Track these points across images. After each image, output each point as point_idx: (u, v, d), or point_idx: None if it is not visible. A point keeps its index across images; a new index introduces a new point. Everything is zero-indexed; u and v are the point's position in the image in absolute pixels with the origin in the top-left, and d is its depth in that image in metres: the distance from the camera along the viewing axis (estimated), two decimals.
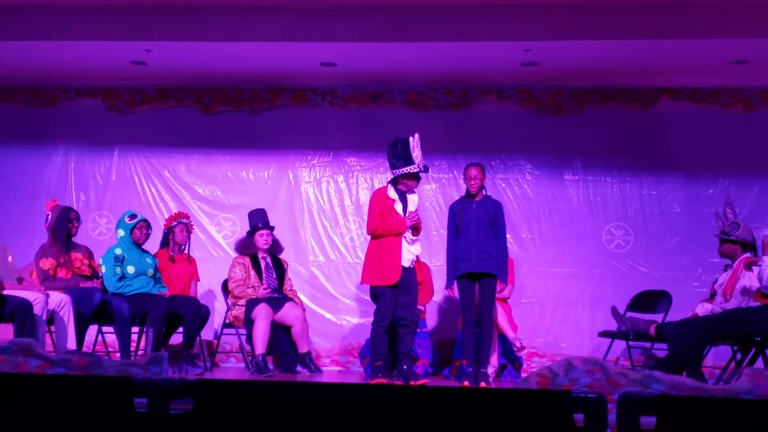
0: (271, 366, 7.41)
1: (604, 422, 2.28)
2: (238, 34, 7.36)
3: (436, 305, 8.32)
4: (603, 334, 7.41)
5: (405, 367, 6.57)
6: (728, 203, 6.73)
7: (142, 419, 2.56)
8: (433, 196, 8.68)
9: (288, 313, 7.48)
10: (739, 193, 8.33)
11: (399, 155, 6.61)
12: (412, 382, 6.42)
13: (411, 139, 6.60)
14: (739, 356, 6.31)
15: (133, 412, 2.60)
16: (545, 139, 8.59)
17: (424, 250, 8.14)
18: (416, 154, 6.58)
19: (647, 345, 7.03)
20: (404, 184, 6.68)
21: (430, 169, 6.98)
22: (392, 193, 6.67)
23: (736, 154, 8.38)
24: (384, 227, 6.61)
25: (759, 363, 6.11)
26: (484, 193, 6.83)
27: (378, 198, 6.72)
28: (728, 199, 6.92)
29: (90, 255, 7.21)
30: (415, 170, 6.60)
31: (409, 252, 6.62)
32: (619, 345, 7.42)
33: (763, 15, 6.87)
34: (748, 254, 6.55)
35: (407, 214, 6.65)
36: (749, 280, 6.19)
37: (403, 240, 6.60)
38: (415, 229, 6.69)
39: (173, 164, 8.85)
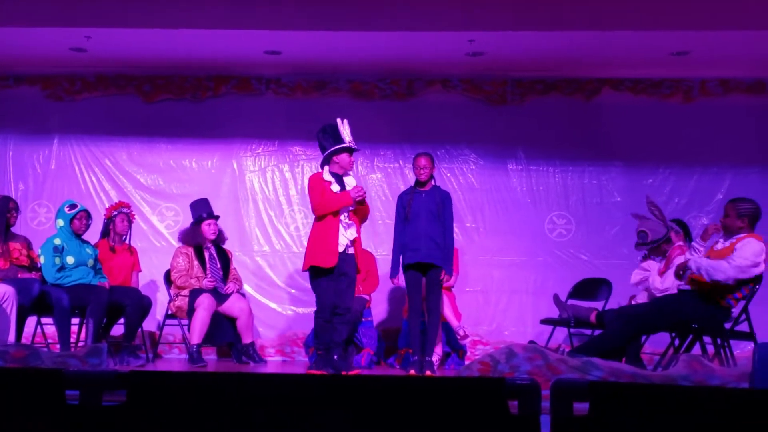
0: (213, 356, 7.34)
1: (537, 408, 2.29)
2: (181, 21, 7.25)
3: (382, 294, 8.32)
4: (545, 321, 7.49)
5: (335, 356, 6.47)
6: (651, 203, 6.85)
7: (74, 411, 2.50)
8: (379, 186, 8.68)
9: (233, 305, 7.43)
10: (678, 183, 8.49)
11: (328, 136, 6.54)
12: (343, 373, 6.37)
13: (339, 120, 6.54)
14: (677, 342, 6.42)
15: (64, 404, 2.54)
16: (489, 129, 8.63)
17: (369, 240, 8.15)
18: (345, 134, 6.51)
19: (588, 332, 7.11)
20: (337, 163, 6.57)
21: (359, 149, 6.86)
22: (327, 175, 6.56)
23: (675, 144, 8.51)
24: (328, 203, 6.45)
25: (696, 349, 6.23)
26: (433, 182, 6.84)
27: (315, 180, 6.59)
28: (649, 198, 7.04)
29: (29, 245, 7.07)
30: (344, 145, 6.50)
31: (344, 237, 6.52)
32: (561, 332, 7.50)
33: (704, 6, 6.97)
34: (680, 243, 6.68)
35: (352, 187, 6.53)
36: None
37: (340, 225, 6.51)
38: (361, 203, 6.56)
39: (114, 153, 8.72)
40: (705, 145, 8.48)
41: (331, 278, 6.47)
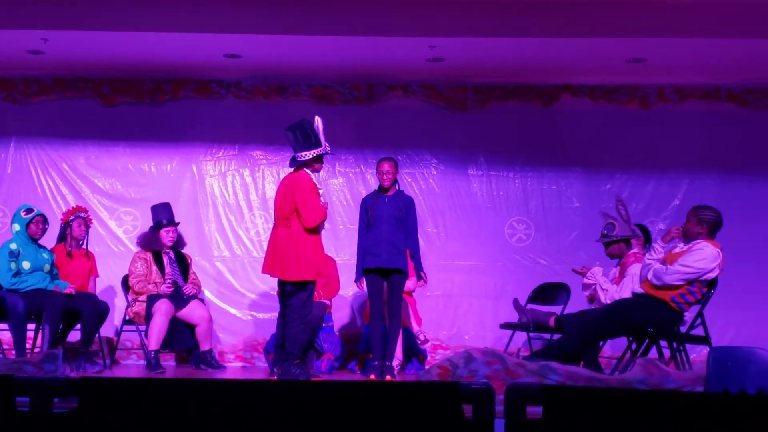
0: (172, 363, 7.26)
1: (491, 412, 2.30)
2: (140, 23, 7.18)
3: (343, 300, 8.30)
4: (504, 325, 7.51)
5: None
6: (619, 201, 6.92)
7: (24, 418, 2.46)
8: (340, 191, 8.66)
9: (193, 312, 7.38)
10: (636, 188, 8.57)
11: (306, 136, 6.33)
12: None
13: (317, 118, 6.42)
14: (634, 346, 6.48)
15: (14, 411, 2.50)
16: (450, 135, 8.65)
17: (330, 244, 8.12)
18: (322, 136, 6.44)
19: (547, 336, 7.15)
20: (317, 169, 6.51)
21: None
22: (316, 182, 6.46)
23: (632, 150, 8.60)
24: (321, 215, 6.35)
25: (654, 353, 6.29)
26: (396, 188, 6.84)
27: (312, 189, 6.35)
28: (618, 197, 7.13)
29: None
30: (327, 151, 6.42)
31: None
32: (521, 336, 7.54)
33: (660, 15, 7.05)
34: (636, 251, 6.75)
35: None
36: (636, 269, 6.39)
37: None
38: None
39: (72, 157, 8.60)
40: (662, 151, 8.58)
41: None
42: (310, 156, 6.36)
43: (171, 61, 8.08)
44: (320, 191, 6.48)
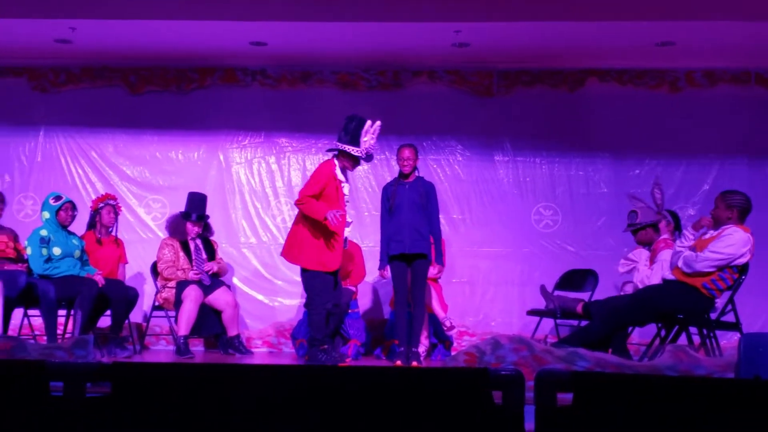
0: (200, 348, 7.32)
1: (521, 399, 2.29)
2: (166, 12, 7.21)
3: (368, 286, 8.32)
4: (531, 312, 7.50)
5: (326, 346, 6.52)
6: (656, 184, 6.87)
7: (58, 403, 2.49)
8: (365, 177, 8.66)
9: (219, 298, 7.43)
10: (665, 173, 8.47)
11: (349, 132, 6.44)
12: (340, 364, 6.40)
13: (368, 122, 6.47)
14: (663, 333, 6.45)
15: (49, 395, 2.53)
16: (476, 121, 8.62)
17: (356, 231, 8.14)
18: (366, 139, 6.42)
19: (574, 323, 7.13)
20: (343, 162, 6.55)
21: (372, 159, 6.79)
22: (340, 174, 6.51)
23: (661, 135, 8.52)
24: (310, 206, 6.36)
25: (683, 340, 6.26)
26: (416, 174, 6.84)
27: (327, 175, 6.46)
28: (657, 180, 7.06)
29: (15, 237, 7.04)
30: (354, 153, 6.45)
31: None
32: (548, 323, 7.52)
33: None
34: (666, 237, 6.70)
35: (330, 213, 6.31)
36: (666, 255, 6.35)
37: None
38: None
39: (100, 145, 8.67)
40: (691, 136, 8.49)
41: (330, 272, 6.47)
42: (343, 149, 6.45)
43: (197, 50, 8.11)
44: (343, 185, 6.49)
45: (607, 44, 7.81)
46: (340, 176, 6.52)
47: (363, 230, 8.44)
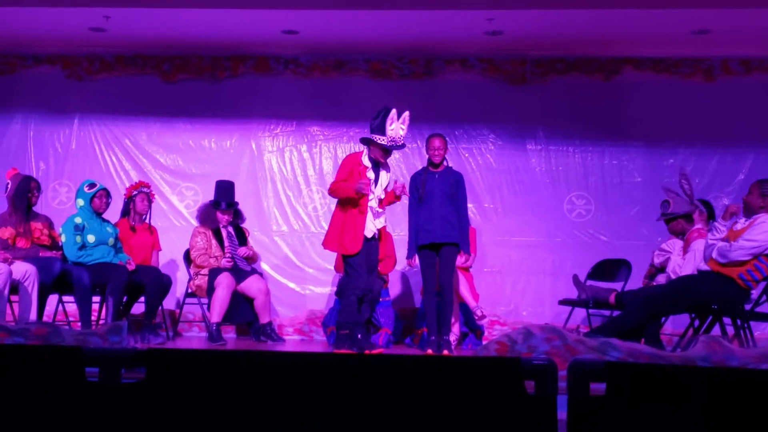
0: (232, 335, 7.37)
1: (554, 389, 2.29)
2: (199, 1, 7.25)
3: (399, 274, 8.33)
4: (563, 302, 7.47)
5: (359, 336, 6.55)
6: (683, 176, 6.80)
7: (94, 388, 2.52)
8: (397, 166, 8.65)
9: (251, 285, 7.47)
10: (699, 163, 8.42)
11: (376, 120, 6.50)
12: (367, 351, 6.42)
13: (393, 111, 6.47)
14: (696, 323, 6.40)
15: (84, 381, 2.56)
16: (508, 109, 8.58)
17: (388, 221, 8.13)
18: (393, 127, 6.43)
19: (607, 313, 7.09)
20: (373, 151, 6.58)
21: (405, 147, 6.81)
22: (366, 160, 6.56)
23: (696, 124, 8.43)
24: (338, 190, 6.49)
25: (716, 330, 6.20)
26: (446, 164, 6.83)
27: (351, 161, 6.60)
28: (682, 171, 6.99)
29: (50, 225, 7.11)
30: (380, 141, 6.49)
31: (373, 224, 6.56)
32: (580, 313, 7.49)
33: None
34: (699, 226, 6.63)
35: (377, 196, 6.51)
36: (699, 245, 6.29)
37: (369, 212, 6.55)
38: (362, 195, 6.50)
39: (134, 133, 8.74)
40: (727, 125, 8.40)
41: (362, 258, 6.50)
42: (370, 137, 6.50)
43: (230, 38, 8.15)
44: (368, 170, 6.52)
45: (642, 32, 7.74)
46: (366, 162, 6.55)
47: (393, 219, 8.42)
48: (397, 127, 6.45)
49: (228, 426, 2.45)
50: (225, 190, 7.71)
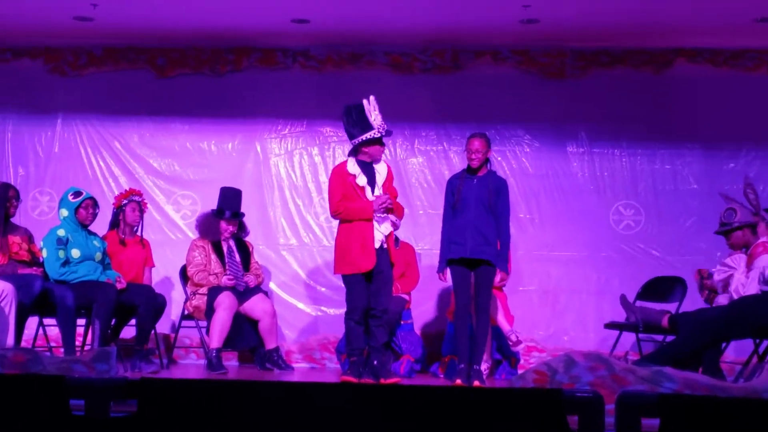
0: (235, 362, 7.38)
1: (600, 424, 2.28)
2: None
3: (424, 294, 8.30)
4: (610, 325, 7.44)
5: (375, 362, 6.55)
6: (748, 184, 6.77)
7: (79, 423, 2.53)
8: (420, 171, 8.66)
9: (255, 306, 7.48)
10: (764, 167, 8.40)
11: (355, 122, 6.58)
12: (383, 380, 6.42)
13: (365, 102, 6.56)
14: (762, 350, 6.36)
15: (68, 414, 2.57)
16: (546, 107, 8.58)
17: (409, 232, 8.15)
18: (374, 117, 6.53)
19: (659, 338, 7.06)
20: (366, 153, 6.62)
21: (392, 132, 6.89)
22: (353, 167, 6.61)
23: (760, 124, 8.41)
24: (347, 213, 6.56)
25: None
26: (488, 168, 6.82)
27: (337, 176, 6.67)
28: (747, 179, 6.95)
29: (30, 238, 7.15)
30: (375, 135, 6.54)
31: (378, 232, 6.55)
32: (629, 338, 7.45)
33: None
34: (765, 240, 6.58)
35: (375, 197, 6.54)
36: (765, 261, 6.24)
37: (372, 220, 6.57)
38: (389, 211, 6.62)
39: (124, 134, 8.79)
40: None
41: (367, 277, 6.51)
42: (360, 141, 6.59)
43: (232, 28, 8.19)
44: (358, 177, 6.55)
45: (698, 20, 7.73)
46: (353, 170, 6.61)
47: (417, 231, 8.44)
48: (376, 114, 6.53)
49: None
50: (231, 198, 7.74)
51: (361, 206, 6.53)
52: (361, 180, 6.57)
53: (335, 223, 8.36)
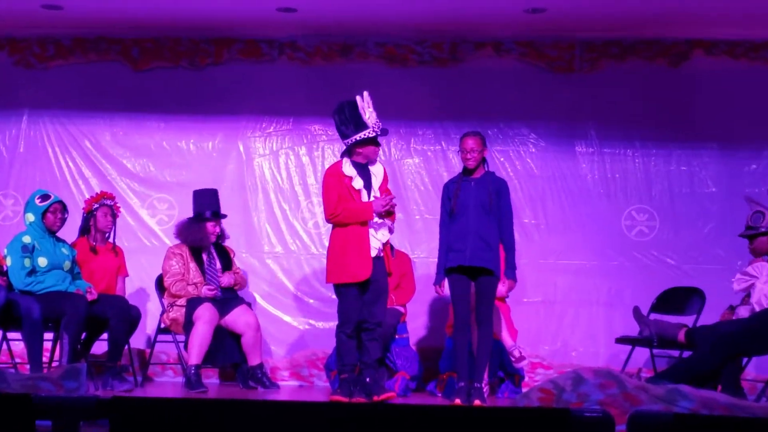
0: (215, 380, 7.37)
1: None
2: None
3: (420, 306, 8.32)
4: (621, 340, 7.46)
5: (368, 379, 6.57)
6: None
7: None
8: (416, 173, 8.67)
9: (238, 319, 7.48)
10: None
11: (348, 121, 6.60)
12: (375, 398, 6.44)
13: (359, 98, 6.58)
14: None
15: None
16: (553, 103, 8.61)
17: (404, 239, 8.16)
18: (368, 115, 6.55)
19: (675, 353, 7.07)
20: (361, 154, 6.65)
21: (388, 132, 6.91)
22: (348, 168, 6.64)
23: None
24: (346, 214, 6.57)
25: None
26: (485, 168, 6.83)
27: (332, 177, 6.68)
28: None
29: None
30: (370, 135, 6.57)
31: (375, 239, 6.58)
32: (642, 353, 7.46)
33: None
34: None
35: (373, 197, 6.59)
36: None
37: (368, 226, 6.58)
38: (389, 213, 6.66)
39: (95, 132, 8.79)
40: None
41: (361, 287, 6.53)
42: (353, 141, 6.61)
43: (213, 17, 8.19)
44: (354, 179, 6.58)
45: (716, 9, 7.75)
46: (349, 171, 6.64)
47: (413, 237, 8.45)
48: (370, 112, 6.55)
49: None
50: (208, 197, 7.73)
51: (361, 207, 6.55)
52: (357, 183, 6.59)
53: (324, 229, 8.44)
